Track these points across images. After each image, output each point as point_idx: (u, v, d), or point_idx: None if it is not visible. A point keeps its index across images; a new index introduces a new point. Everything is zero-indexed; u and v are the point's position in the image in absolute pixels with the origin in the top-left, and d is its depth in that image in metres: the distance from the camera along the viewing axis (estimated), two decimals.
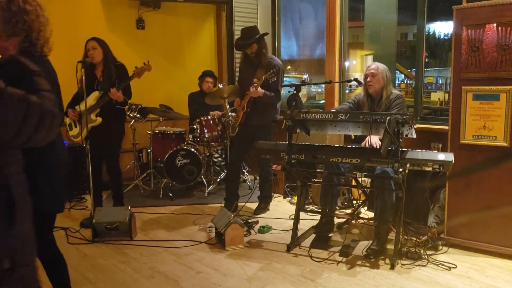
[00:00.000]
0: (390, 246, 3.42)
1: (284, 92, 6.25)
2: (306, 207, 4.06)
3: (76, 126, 4.20)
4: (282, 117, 3.67)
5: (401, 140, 3.09)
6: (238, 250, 3.55)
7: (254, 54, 4.24)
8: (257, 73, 4.26)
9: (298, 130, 3.54)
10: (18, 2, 1.95)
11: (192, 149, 5.08)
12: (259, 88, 4.13)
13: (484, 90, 3.29)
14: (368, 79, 3.74)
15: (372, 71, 3.74)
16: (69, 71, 3.89)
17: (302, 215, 3.79)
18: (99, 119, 4.08)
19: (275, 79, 4.15)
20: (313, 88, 7.68)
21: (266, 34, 4.33)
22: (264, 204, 4.58)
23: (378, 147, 3.43)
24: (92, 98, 4.02)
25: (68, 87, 4.13)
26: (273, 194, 4.88)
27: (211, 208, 4.72)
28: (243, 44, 4.24)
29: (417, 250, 3.30)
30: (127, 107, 5.23)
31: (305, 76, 7.71)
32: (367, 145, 3.61)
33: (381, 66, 3.78)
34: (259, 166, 4.61)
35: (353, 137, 4.17)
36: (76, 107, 4.13)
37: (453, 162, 3.01)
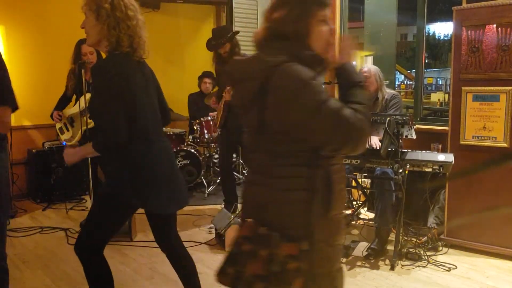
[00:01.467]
0: (390, 247, 3.42)
1: None
2: None
3: (68, 130, 4.13)
4: None
5: (400, 141, 3.10)
6: None
7: (228, 54, 4.13)
8: None
9: None
10: (121, 7, 1.95)
11: (192, 150, 5.08)
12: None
13: (484, 91, 3.29)
14: None
15: (365, 74, 3.72)
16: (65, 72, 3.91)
17: None
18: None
19: None
20: None
21: (238, 32, 4.29)
22: None
23: (378, 148, 3.43)
24: (83, 101, 3.93)
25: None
26: None
27: (211, 209, 4.72)
28: (215, 44, 4.15)
29: (417, 251, 3.30)
30: None
31: None
32: (366, 146, 3.61)
33: (373, 68, 3.75)
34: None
35: None
36: (64, 110, 4.08)
37: (453, 163, 3.01)
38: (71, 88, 4.01)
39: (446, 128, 3.59)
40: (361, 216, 4.05)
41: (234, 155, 5.49)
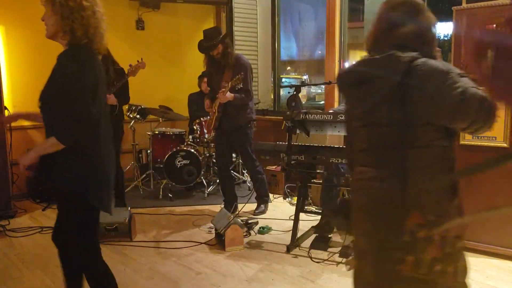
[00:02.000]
0: None
1: (284, 93, 6.27)
2: (306, 208, 4.06)
3: None
4: (282, 117, 3.67)
5: None
6: (237, 251, 3.55)
7: (220, 55, 4.15)
8: (225, 74, 4.20)
9: (297, 131, 3.53)
10: None
11: (192, 150, 5.08)
12: (227, 93, 4.06)
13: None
14: None
15: None
16: None
17: (302, 215, 3.78)
18: None
19: (241, 85, 4.09)
20: (313, 89, 7.69)
21: (230, 33, 4.28)
22: (262, 204, 4.55)
23: None
24: None
25: None
26: (271, 194, 4.86)
27: (210, 209, 4.72)
28: (208, 45, 4.15)
29: None
30: (126, 107, 5.24)
31: (305, 77, 7.73)
32: None
33: None
34: (245, 168, 4.55)
35: None
36: None
37: None
38: None
39: None
40: None
41: (234, 155, 5.49)
